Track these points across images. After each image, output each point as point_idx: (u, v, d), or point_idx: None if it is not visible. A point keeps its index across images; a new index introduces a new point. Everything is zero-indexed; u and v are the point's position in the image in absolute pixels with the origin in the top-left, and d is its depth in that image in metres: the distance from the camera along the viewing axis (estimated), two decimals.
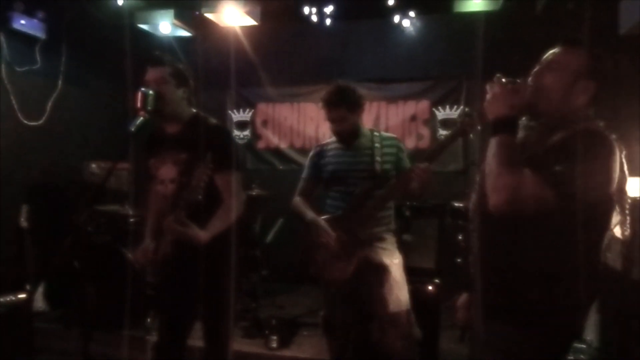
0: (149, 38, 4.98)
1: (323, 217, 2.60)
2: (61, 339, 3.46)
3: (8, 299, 3.35)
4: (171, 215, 2.09)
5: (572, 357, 2.91)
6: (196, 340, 2.33)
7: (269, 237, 4.21)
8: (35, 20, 4.22)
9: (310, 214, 2.64)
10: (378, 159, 2.60)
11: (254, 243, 4.15)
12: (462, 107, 4.86)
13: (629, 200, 1.90)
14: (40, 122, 4.39)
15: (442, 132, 4.94)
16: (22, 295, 3.71)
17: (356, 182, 2.57)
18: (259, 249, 4.14)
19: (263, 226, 4.25)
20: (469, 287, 1.68)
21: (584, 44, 1.50)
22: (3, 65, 4.10)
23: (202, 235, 2.12)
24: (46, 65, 4.42)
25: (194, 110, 2.30)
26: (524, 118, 1.56)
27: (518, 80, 1.51)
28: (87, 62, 4.81)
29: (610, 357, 2.72)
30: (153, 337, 3.29)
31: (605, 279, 1.72)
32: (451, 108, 4.92)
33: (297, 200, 2.75)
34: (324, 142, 2.83)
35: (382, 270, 2.52)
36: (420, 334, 2.60)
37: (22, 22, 4.11)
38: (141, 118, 2.06)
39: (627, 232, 1.98)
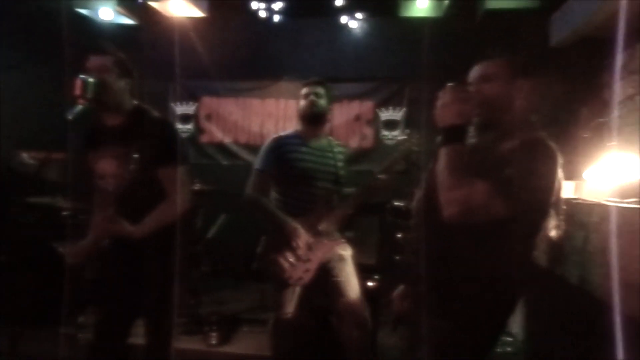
0: (90, 23, 4.76)
1: (294, 220, 2.55)
2: None
3: None
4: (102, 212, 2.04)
5: (499, 350, 3.08)
6: (138, 337, 2.28)
7: (211, 232, 4.17)
8: None
9: (281, 215, 2.54)
10: (339, 163, 2.71)
11: (195, 238, 4.09)
12: (404, 108, 5.00)
13: (564, 206, 2.02)
14: None
15: (385, 133, 5.07)
16: None
17: (320, 183, 2.62)
18: (200, 244, 4.08)
19: (205, 221, 4.19)
20: (407, 281, 1.74)
21: (502, 58, 1.57)
22: None
23: (135, 230, 2.06)
24: None
25: (136, 102, 2.23)
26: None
27: (468, 89, 1.54)
28: (20, 45, 4.55)
29: (534, 349, 2.89)
30: (86, 335, 3.19)
31: (532, 276, 1.83)
32: (394, 109, 5.05)
33: (256, 196, 2.59)
34: (282, 134, 2.76)
35: (340, 262, 2.60)
36: (371, 324, 2.63)
37: None
38: (80, 106, 1.98)
39: (560, 233, 2.10)
